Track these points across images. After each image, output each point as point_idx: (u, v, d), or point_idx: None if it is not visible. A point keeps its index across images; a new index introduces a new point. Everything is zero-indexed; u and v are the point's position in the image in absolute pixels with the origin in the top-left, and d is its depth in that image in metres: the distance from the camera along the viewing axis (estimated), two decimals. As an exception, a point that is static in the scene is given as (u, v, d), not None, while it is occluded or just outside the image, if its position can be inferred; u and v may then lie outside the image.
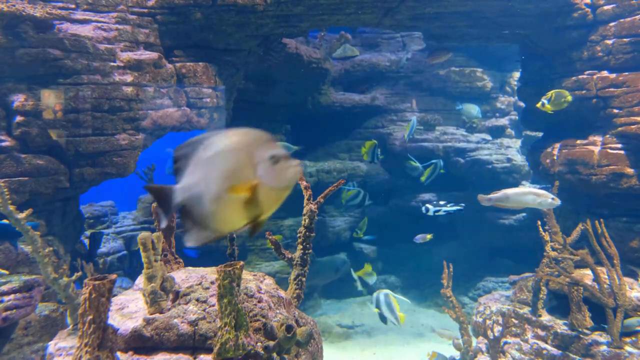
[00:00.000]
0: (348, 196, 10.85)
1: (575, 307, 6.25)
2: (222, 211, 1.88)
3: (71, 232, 7.49)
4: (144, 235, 3.76)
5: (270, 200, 1.88)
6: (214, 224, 1.92)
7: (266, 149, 1.86)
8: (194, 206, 1.94)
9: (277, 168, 1.84)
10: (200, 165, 1.94)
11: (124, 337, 3.47)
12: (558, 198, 5.98)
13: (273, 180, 1.84)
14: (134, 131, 7.06)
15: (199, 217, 1.94)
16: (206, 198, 1.89)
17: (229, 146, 1.90)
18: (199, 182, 1.92)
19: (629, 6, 7.37)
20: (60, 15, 6.76)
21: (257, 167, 1.84)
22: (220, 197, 1.85)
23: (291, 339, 3.36)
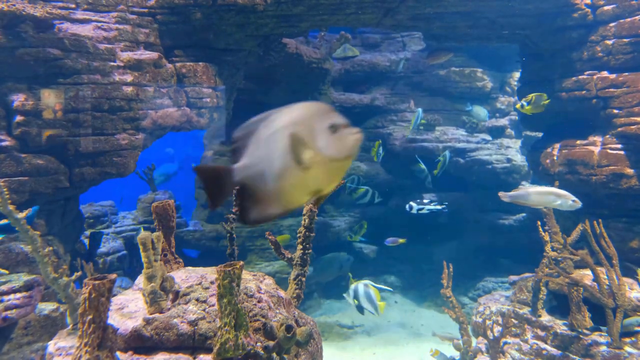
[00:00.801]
0: (358, 194, 10.83)
1: (575, 308, 6.25)
2: (286, 187, 1.86)
3: (71, 232, 7.49)
4: (143, 235, 3.76)
5: (332, 171, 1.83)
6: (277, 200, 1.90)
7: (325, 119, 1.83)
8: (255, 184, 1.93)
9: (336, 137, 1.79)
10: (262, 142, 1.93)
11: (123, 336, 3.47)
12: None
13: (333, 151, 1.78)
14: (134, 131, 7.06)
15: (260, 195, 1.92)
16: (268, 175, 1.87)
17: (289, 121, 1.88)
18: (261, 160, 1.90)
19: (629, 6, 7.37)
20: (60, 15, 6.76)
21: (317, 138, 1.79)
22: (283, 173, 1.83)
23: (291, 339, 3.36)
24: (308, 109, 1.90)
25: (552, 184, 7.63)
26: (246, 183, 1.95)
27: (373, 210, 12.53)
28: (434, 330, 9.87)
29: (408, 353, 8.95)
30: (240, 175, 1.95)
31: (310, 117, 1.85)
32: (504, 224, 11.44)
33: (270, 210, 1.92)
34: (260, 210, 1.94)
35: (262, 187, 1.91)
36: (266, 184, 1.89)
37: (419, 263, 12.43)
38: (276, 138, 1.87)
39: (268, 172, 1.88)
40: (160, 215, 4.45)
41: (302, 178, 1.82)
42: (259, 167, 1.91)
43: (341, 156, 1.79)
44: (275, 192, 1.88)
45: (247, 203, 1.97)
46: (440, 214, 12.23)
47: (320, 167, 1.79)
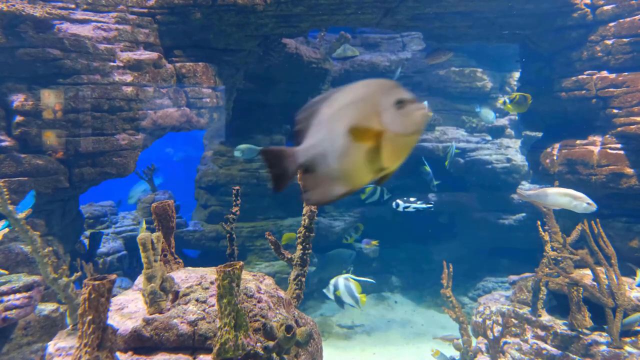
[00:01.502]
0: (367, 193, 10.80)
1: (575, 307, 6.25)
2: (350, 166, 1.83)
3: (71, 232, 7.49)
4: (143, 235, 3.75)
5: (398, 148, 1.79)
6: (340, 180, 1.88)
7: (391, 95, 1.77)
8: (318, 165, 1.90)
9: (403, 113, 1.74)
10: (324, 122, 1.90)
11: (123, 337, 3.47)
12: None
13: (399, 126, 1.74)
14: (133, 131, 7.06)
15: (324, 176, 1.91)
16: (331, 155, 1.85)
17: (352, 99, 1.84)
18: (323, 140, 1.88)
19: (629, 6, 7.37)
20: (60, 15, 6.76)
21: (382, 115, 1.75)
22: (346, 152, 1.81)
23: (291, 339, 3.36)
24: (372, 86, 1.86)
25: (551, 184, 7.63)
26: (310, 164, 1.93)
27: (373, 211, 12.54)
28: (434, 331, 9.88)
29: (408, 353, 8.95)
30: (303, 157, 1.93)
31: (375, 94, 1.81)
32: (503, 223, 11.44)
33: (334, 191, 1.91)
34: (323, 191, 1.93)
35: (325, 168, 1.89)
36: (329, 165, 1.87)
37: (419, 263, 12.44)
38: (338, 117, 1.84)
39: (331, 152, 1.85)
40: (160, 215, 4.45)
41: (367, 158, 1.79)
42: (322, 147, 1.88)
43: (408, 132, 1.75)
44: (339, 172, 1.86)
45: (310, 184, 1.96)
46: (440, 214, 12.26)
47: (387, 145, 1.76)
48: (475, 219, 11.99)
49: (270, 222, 11.40)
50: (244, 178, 11.24)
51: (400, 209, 9.32)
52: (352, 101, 1.84)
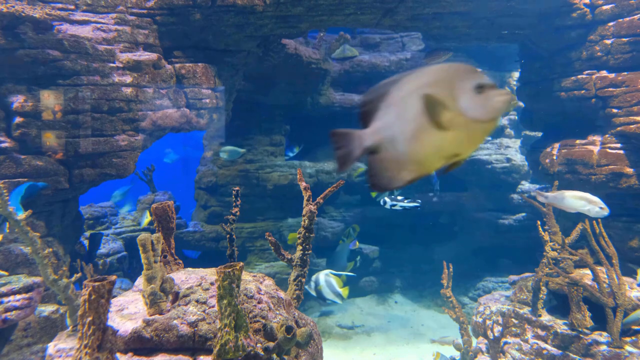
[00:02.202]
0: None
1: (575, 307, 6.25)
2: (420, 151, 1.77)
3: (71, 233, 7.49)
4: (143, 236, 3.75)
5: (473, 134, 1.73)
6: (409, 165, 1.82)
7: (469, 79, 1.71)
8: (386, 149, 1.86)
9: (482, 98, 1.68)
10: (395, 105, 1.84)
11: (123, 338, 3.46)
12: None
13: (477, 112, 1.67)
14: (133, 132, 7.06)
15: (391, 160, 1.85)
16: (401, 139, 1.79)
17: (427, 82, 1.77)
18: (393, 123, 1.83)
19: (628, 6, 7.38)
20: (60, 16, 6.76)
21: (459, 99, 1.69)
22: (418, 136, 1.74)
23: (291, 340, 3.36)
24: (449, 69, 1.79)
25: (551, 184, 7.64)
26: (377, 147, 1.89)
27: (373, 211, 12.53)
28: (434, 331, 9.89)
29: (408, 353, 8.95)
30: (371, 140, 1.89)
31: (452, 77, 1.74)
32: (503, 223, 11.44)
33: (402, 176, 1.86)
34: (391, 176, 1.88)
35: (394, 152, 1.84)
36: (398, 149, 1.82)
37: (419, 263, 12.44)
38: (411, 99, 1.77)
39: (401, 135, 1.80)
40: (160, 216, 4.44)
41: (439, 142, 1.73)
42: (391, 130, 1.83)
43: (486, 118, 1.68)
44: (408, 157, 1.81)
45: (376, 168, 1.91)
46: (441, 214, 12.26)
47: (461, 130, 1.70)
48: (475, 219, 11.99)
49: (270, 223, 11.40)
50: (244, 179, 11.24)
51: (387, 206, 9.34)
52: (427, 83, 1.77)
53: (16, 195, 5.80)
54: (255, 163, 11.46)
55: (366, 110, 1.94)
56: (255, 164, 11.45)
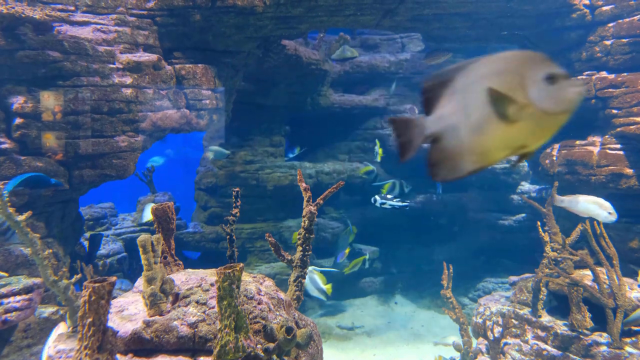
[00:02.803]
0: (386, 189, 10.64)
1: (575, 308, 6.25)
2: (484, 142, 1.70)
3: (70, 234, 7.49)
4: (143, 237, 3.75)
5: (542, 127, 1.64)
6: (472, 156, 1.75)
7: (540, 69, 1.62)
8: (449, 138, 1.79)
9: (554, 89, 1.59)
10: (459, 93, 1.78)
11: (123, 339, 3.46)
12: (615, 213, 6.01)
13: (548, 104, 1.58)
14: (133, 133, 7.06)
15: (453, 150, 1.78)
16: (465, 128, 1.73)
17: (494, 70, 1.70)
18: (456, 111, 1.76)
19: (628, 7, 7.38)
20: (60, 17, 6.77)
21: (529, 89, 1.60)
22: (483, 126, 1.67)
23: (291, 341, 3.36)
24: (519, 57, 1.71)
25: (551, 185, 7.63)
26: (439, 136, 1.82)
27: (373, 211, 12.52)
28: (434, 332, 9.88)
29: (408, 354, 8.94)
30: (432, 128, 1.83)
31: (522, 66, 1.66)
32: (503, 224, 11.44)
33: (464, 166, 1.79)
34: (452, 166, 1.81)
35: (456, 141, 1.77)
36: (461, 138, 1.75)
37: (419, 264, 12.43)
38: (476, 88, 1.70)
39: (464, 125, 1.73)
40: (160, 217, 4.44)
41: (505, 133, 1.66)
42: (454, 119, 1.77)
43: (558, 110, 1.59)
44: (471, 147, 1.74)
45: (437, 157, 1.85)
46: (441, 215, 12.25)
47: (530, 122, 1.62)
48: (475, 220, 11.99)
49: (270, 224, 11.39)
50: (244, 179, 11.23)
51: (378, 204, 9.35)
52: (495, 72, 1.70)
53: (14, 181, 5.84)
54: (255, 164, 11.46)
55: (428, 97, 1.88)
56: (255, 164, 11.45)
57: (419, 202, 12.29)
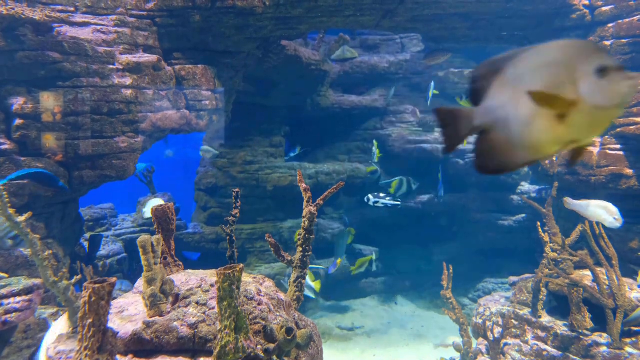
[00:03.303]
0: (394, 187, 10.55)
1: (575, 308, 6.25)
2: (535, 136, 1.65)
3: (70, 235, 7.49)
4: (143, 238, 3.75)
5: (594, 121, 1.59)
6: (521, 149, 1.71)
7: (591, 61, 1.57)
8: (498, 129, 1.75)
9: (605, 82, 1.54)
10: (508, 84, 1.73)
11: (123, 340, 3.46)
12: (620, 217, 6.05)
13: (599, 98, 1.53)
14: (133, 134, 7.06)
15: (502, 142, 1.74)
16: (515, 122, 1.68)
17: (544, 61, 1.66)
18: (506, 104, 1.71)
19: (627, 7, 7.39)
20: (60, 18, 6.77)
21: (579, 83, 1.56)
22: (533, 120, 1.63)
23: (291, 342, 3.36)
24: (569, 48, 1.65)
25: (551, 185, 7.64)
26: (487, 128, 1.79)
27: (373, 212, 12.53)
28: (434, 332, 9.88)
29: (408, 354, 8.94)
30: (480, 120, 1.79)
31: (572, 58, 1.61)
32: (503, 224, 11.44)
33: (513, 159, 1.75)
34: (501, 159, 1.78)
35: (505, 135, 1.73)
36: (510, 131, 1.71)
37: (419, 264, 12.43)
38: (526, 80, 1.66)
39: (514, 118, 1.68)
40: (160, 218, 4.45)
41: (556, 128, 1.61)
42: (504, 111, 1.72)
43: (610, 104, 1.54)
44: (521, 141, 1.69)
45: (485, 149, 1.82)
46: (441, 215, 12.25)
47: (581, 117, 1.57)
48: (475, 220, 11.99)
49: (270, 224, 11.39)
50: (244, 180, 11.24)
51: (371, 203, 9.39)
52: (544, 64, 1.65)
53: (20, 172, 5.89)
54: (255, 164, 11.46)
55: (477, 86, 1.83)
56: (255, 165, 11.45)
57: (418, 203, 12.29)
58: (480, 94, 1.82)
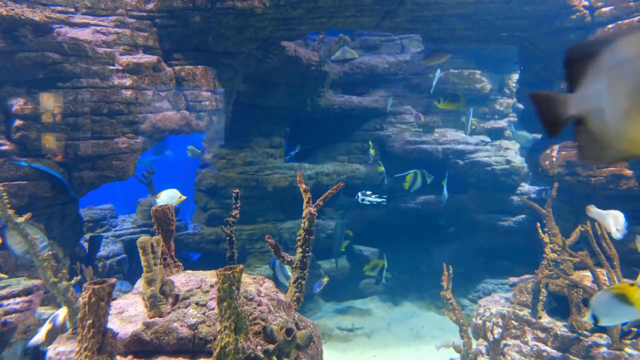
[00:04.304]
0: (408, 181, 10.39)
1: (575, 309, 6.25)
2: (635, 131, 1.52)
3: (70, 236, 7.48)
4: (143, 239, 3.75)
5: None
6: (620, 143, 1.59)
7: None
8: (594, 121, 1.64)
9: None
10: (605, 71, 1.59)
11: (123, 341, 3.46)
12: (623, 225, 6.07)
13: None
14: (133, 134, 7.06)
15: (600, 134, 1.64)
16: (612, 113, 1.56)
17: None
18: (602, 94, 1.59)
19: (627, 8, 7.39)
20: (60, 19, 6.77)
21: None
22: (633, 114, 1.50)
23: (291, 342, 3.35)
24: None
25: (551, 186, 7.64)
26: (584, 116, 1.67)
27: (372, 212, 12.53)
28: (434, 333, 9.87)
29: (408, 355, 8.93)
30: (575, 108, 1.69)
31: None
32: (503, 225, 11.44)
33: (611, 154, 1.64)
34: (598, 152, 1.67)
35: (602, 126, 1.61)
36: (607, 124, 1.59)
37: (419, 265, 12.43)
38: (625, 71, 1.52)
39: (612, 109, 1.56)
40: (160, 219, 4.44)
41: None
42: (600, 101, 1.60)
43: None
44: (619, 135, 1.57)
45: (584, 139, 1.71)
46: (441, 215, 12.26)
47: None
48: (475, 221, 11.99)
49: (269, 225, 11.39)
50: (244, 181, 11.23)
51: (359, 200, 9.48)
52: None
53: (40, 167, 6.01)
54: (255, 165, 11.46)
55: (573, 71, 1.73)
56: (255, 166, 11.44)
57: (418, 203, 12.29)
58: (576, 79, 1.72)
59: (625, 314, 4.50)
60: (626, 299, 4.42)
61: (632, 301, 4.38)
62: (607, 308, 4.53)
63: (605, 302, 4.54)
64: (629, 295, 4.40)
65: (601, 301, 4.58)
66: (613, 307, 4.49)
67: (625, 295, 4.43)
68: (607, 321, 4.72)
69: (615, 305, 4.46)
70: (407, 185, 10.40)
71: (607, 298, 4.54)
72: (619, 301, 4.44)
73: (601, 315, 4.59)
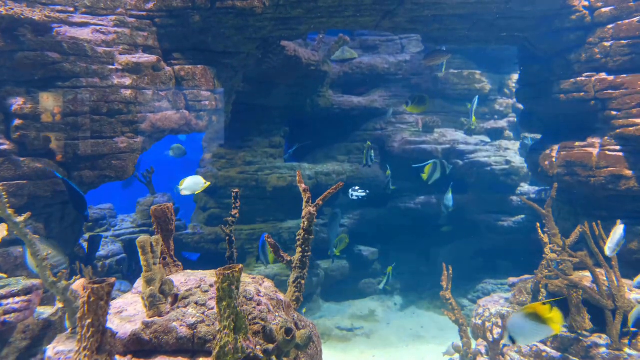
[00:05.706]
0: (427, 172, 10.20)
1: (575, 310, 6.25)
2: None
3: (70, 236, 7.47)
4: (142, 238, 3.75)
5: None
6: None
7: None
8: None
9: None
10: None
11: (122, 340, 3.46)
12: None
13: None
14: (132, 134, 7.05)
15: None
16: None
17: None
18: None
19: (627, 8, 7.39)
20: (59, 18, 6.77)
21: None
22: None
23: (290, 342, 3.35)
24: None
25: (551, 186, 7.63)
26: None
27: (372, 212, 12.54)
28: (433, 333, 9.87)
29: (407, 355, 8.93)
30: None
31: None
32: (503, 225, 11.44)
33: None
34: None
35: None
36: None
37: (419, 265, 12.43)
38: None
39: None
40: (159, 218, 4.44)
41: None
42: None
43: None
44: None
45: None
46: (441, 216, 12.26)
47: None
48: (475, 221, 11.99)
49: (269, 225, 11.39)
50: (243, 181, 11.23)
51: (350, 196, 9.90)
52: None
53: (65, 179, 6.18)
54: (255, 165, 11.46)
55: None
56: (255, 165, 11.44)
57: (418, 204, 12.29)
58: None
59: (539, 333, 4.64)
60: (539, 318, 4.57)
61: (544, 320, 4.54)
62: (522, 328, 4.64)
63: (519, 323, 4.66)
64: (541, 314, 4.56)
65: (516, 322, 4.69)
66: (527, 327, 4.61)
67: (537, 314, 4.57)
68: (523, 341, 4.82)
69: (529, 324, 4.60)
70: (425, 176, 10.26)
71: (521, 318, 4.66)
72: (532, 321, 4.59)
73: (517, 336, 4.68)
